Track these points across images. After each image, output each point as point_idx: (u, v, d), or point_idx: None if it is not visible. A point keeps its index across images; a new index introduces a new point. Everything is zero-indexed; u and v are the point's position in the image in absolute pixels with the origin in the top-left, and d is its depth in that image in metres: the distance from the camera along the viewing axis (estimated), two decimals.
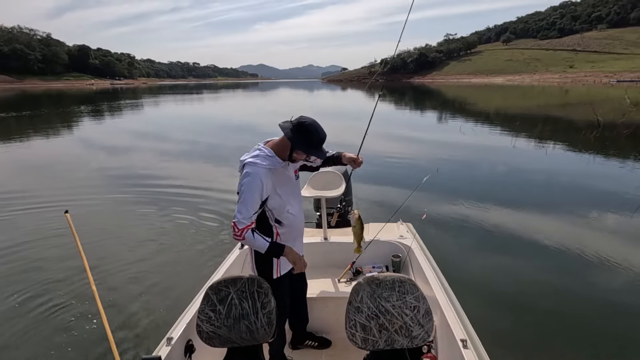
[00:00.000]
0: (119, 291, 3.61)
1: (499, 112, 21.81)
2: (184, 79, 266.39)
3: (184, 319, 1.93)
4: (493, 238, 4.73)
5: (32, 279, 3.82)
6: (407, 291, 1.63)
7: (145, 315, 3.25)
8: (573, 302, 3.36)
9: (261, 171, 1.69)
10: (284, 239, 1.91)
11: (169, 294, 3.56)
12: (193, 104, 34.02)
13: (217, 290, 1.72)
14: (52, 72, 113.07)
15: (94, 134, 14.62)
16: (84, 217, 5.35)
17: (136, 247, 4.62)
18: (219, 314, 1.70)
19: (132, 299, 3.49)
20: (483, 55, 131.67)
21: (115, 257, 4.33)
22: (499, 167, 8.47)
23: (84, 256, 2.43)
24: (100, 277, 3.73)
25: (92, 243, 4.51)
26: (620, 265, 3.97)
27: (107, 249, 4.53)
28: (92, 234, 4.80)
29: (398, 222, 3.23)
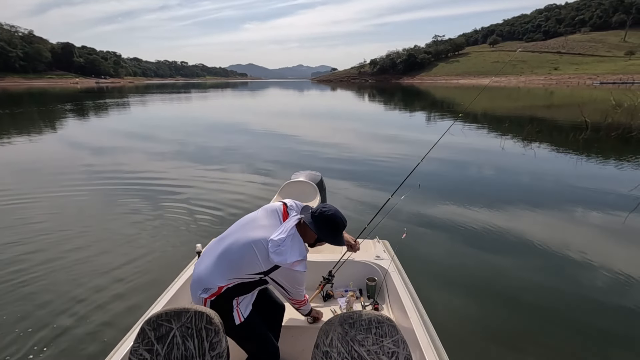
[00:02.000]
0: (24, 334, 2.82)
1: (487, 113, 22.01)
2: (172, 78, 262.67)
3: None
4: (480, 262, 4.16)
5: None
6: (385, 333, 1.42)
7: (59, 355, 2.63)
8: (571, 335, 3.00)
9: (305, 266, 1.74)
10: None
11: (94, 328, 2.90)
12: (181, 103, 33.44)
13: (156, 325, 1.44)
14: (35, 70, 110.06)
15: (76, 132, 14.16)
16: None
17: (70, 260, 4.02)
18: (156, 355, 1.42)
19: (40, 336, 2.80)
20: (470, 57, 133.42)
21: (42, 266, 3.85)
22: (488, 172, 8.42)
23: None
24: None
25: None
26: (610, 268, 3.96)
27: (41, 253, 4.13)
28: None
29: (375, 240, 2.96)
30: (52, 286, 3.57)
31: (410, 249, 4.22)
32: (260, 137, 12.51)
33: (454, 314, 3.18)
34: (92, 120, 19.35)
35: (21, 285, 3.55)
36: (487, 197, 6.29)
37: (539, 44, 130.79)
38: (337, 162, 8.73)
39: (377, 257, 2.67)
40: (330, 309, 2.43)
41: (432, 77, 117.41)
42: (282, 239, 1.62)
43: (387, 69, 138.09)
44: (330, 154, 9.66)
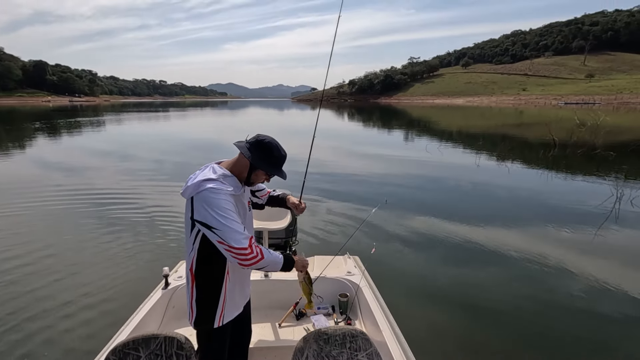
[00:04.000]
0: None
1: (462, 131, 22.81)
2: (150, 96, 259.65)
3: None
4: (450, 274, 4.23)
5: None
6: (360, 347, 1.42)
7: None
8: (543, 344, 3.07)
9: (230, 194, 1.46)
10: (232, 279, 1.60)
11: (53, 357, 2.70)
12: (158, 122, 32.92)
13: (123, 355, 1.35)
14: (4, 88, 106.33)
15: (45, 151, 13.57)
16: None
17: (27, 284, 3.78)
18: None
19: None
20: (445, 78, 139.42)
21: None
22: (464, 187, 8.64)
23: None
24: None
25: None
26: (581, 279, 4.05)
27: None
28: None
29: (345, 256, 2.97)
30: (6, 311, 3.30)
31: (381, 263, 4.24)
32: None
33: (424, 326, 3.20)
34: (63, 139, 18.66)
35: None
36: (461, 212, 6.42)
37: (507, 67, 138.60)
38: (312, 180, 8.72)
39: (348, 272, 2.68)
40: (304, 327, 2.43)
41: (409, 97, 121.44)
42: (195, 173, 1.52)
43: (365, 89, 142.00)
44: (302, 171, 9.64)
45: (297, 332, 2.36)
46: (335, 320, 2.49)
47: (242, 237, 1.40)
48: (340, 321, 2.48)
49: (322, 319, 2.48)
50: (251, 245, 1.42)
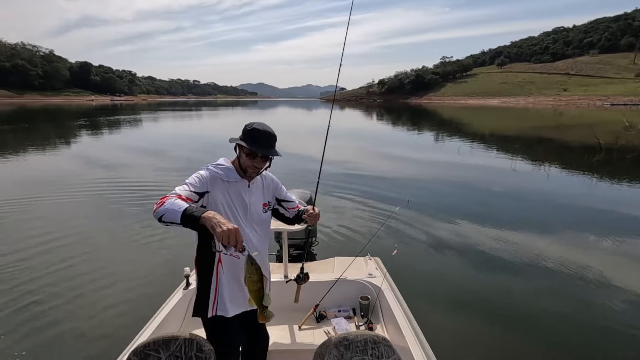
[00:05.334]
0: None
1: (495, 133, 21.90)
2: (184, 96, 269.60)
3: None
4: (477, 281, 4.05)
5: None
6: (382, 354, 1.37)
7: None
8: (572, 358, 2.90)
9: (213, 173, 1.60)
10: (226, 271, 1.64)
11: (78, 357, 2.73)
12: (192, 120, 34.08)
13: (144, 356, 1.36)
14: (53, 88, 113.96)
15: (87, 147, 14.42)
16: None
17: (55, 281, 3.86)
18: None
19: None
20: (478, 78, 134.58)
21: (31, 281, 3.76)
22: (497, 191, 8.26)
23: None
24: None
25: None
26: (624, 294, 3.73)
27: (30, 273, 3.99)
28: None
29: (366, 257, 2.92)
30: (34, 306, 3.43)
31: (403, 265, 4.11)
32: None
33: (449, 333, 3.08)
34: (103, 136, 19.74)
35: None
36: (492, 217, 6.14)
37: (547, 66, 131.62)
38: (332, 180, 8.68)
39: (369, 274, 2.62)
40: (324, 330, 2.40)
41: (440, 97, 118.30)
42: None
43: (395, 89, 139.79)
44: (326, 171, 9.56)
45: (317, 335, 2.33)
46: (357, 324, 2.44)
47: (177, 188, 1.48)
48: (361, 325, 2.43)
49: (342, 322, 2.44)
50: (172, 194, 1.44)
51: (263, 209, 1.77)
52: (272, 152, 1.63)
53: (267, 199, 1.80)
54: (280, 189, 1.88)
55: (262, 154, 1.60)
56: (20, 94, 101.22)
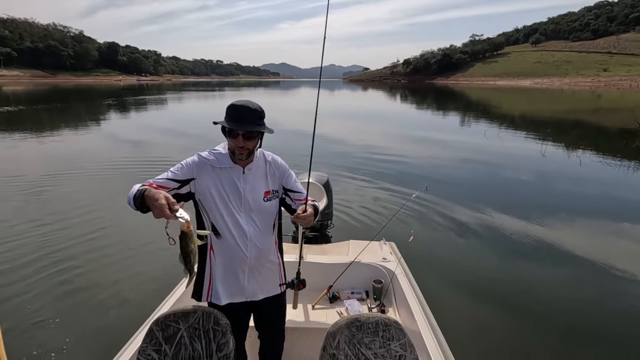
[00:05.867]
0: (36, 328, 2.88)
1: (526, 116, 20.94)
2: (208, 76, 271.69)
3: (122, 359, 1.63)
4: (494, 270, 3.98)
5: None
6: (393, 337, 1.40)
7: (67, 357, 2.61)
8: (595, 352, 2.84)
9: (202, 159, 1.56)
10: (217, 259, 1.60)
11: (104, 330, 2.89)
12: (215, 100, 34.43)
13: (164, 326, 1.44)
14: (83, 68, 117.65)
15: (116, 126, 14.95)
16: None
17: (84, 253, 4.11)
18: (164, 356, 1.42)
19: (50, 335, 2.79)
20: (510, 57, 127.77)
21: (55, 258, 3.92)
22: (525, 177, 7.96)
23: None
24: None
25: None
26: None
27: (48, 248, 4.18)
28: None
29: (381, 242, 2.92)
30: (63, 277, 3.64)
31: (418, 251, 4.11)
32: (280, 135, 12.54)
33: (462, 320, 3.06)
34: (131, 115, 20.33)
35: (32, 274, 3.68)
36: (517, 204, 5.95)
37: (586, 44, 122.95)
38: (350, 162, 8.63)
39: (383, 259, 2.65)
40: (337, 310, 2.45)
41: (468, 78, 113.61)
42: None
43: (421, 69, 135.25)
44: (344, 154, 9.55)
45: (330, 315, 2.38)
46: (369, 306, 2.49)
47: (156, 177, 1.50)
48: (373, 307, 2.47)
49: (355, 303, 2.49)
50: (146, 183, 1.46)
51: (264, 197, 1.62)
52: (246, 127, 1.46)
53: (271, 186, 1.65)
54: (287, 177, 1.70)
55: (236, 128, 1.46)
56: (53, 74, 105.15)
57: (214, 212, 1.56)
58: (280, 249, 1.77)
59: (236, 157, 1.55)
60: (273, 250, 1.71)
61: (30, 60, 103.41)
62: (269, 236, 1.67)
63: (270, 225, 1.67)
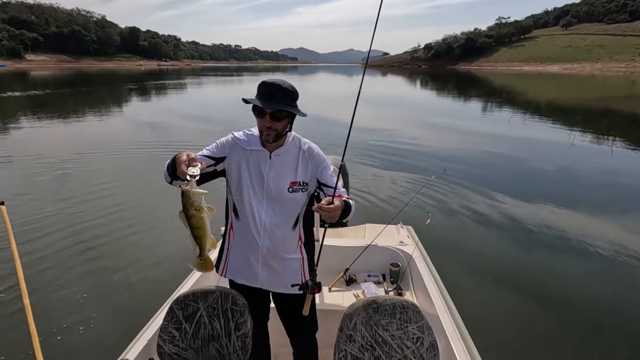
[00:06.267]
0: (62, 302, 3.01)
1: (553, 103, 20.08)
2: (226, 61, 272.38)
3: (143, 337, 1.66)
4: (516, 257, 3.89)
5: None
6: (410, 319, 1.38)
7: (94, 332, 2.70)
8: (613, 342, 2.75)
9: (235, 139, 1.52)
10: (236, 239, 1.57)
11: (126, 307, 3.00)
12: (233, 86, 34.55)
13: (184, 305, 1.48)
14: (106, 53, 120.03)
15: (137, 110, 15.24)
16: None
17: (108, 232, 4.26)
18: (184, 334, 1.47)
19: (76, 311, 2.91)
20: (538, 41, 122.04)
21: (73, 241, 4.00)
22: (549, 166, 7.65)
23: (17, 258, 2.01)
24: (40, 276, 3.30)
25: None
26: None
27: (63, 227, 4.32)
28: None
29: (398, 225, 2.88)
30: (88, 255, 3.79)
31: (436, 236, 4.08)
32: (297, 120, 12.44)
33: (481, 306, 3.03)
34: (151, 99, 20.67)
35: (58, 250, 3.85)
36: (541, 192, 5.75)
37: (622, 26, 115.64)
38: (367, 146, 8.55)
39: (400, 242, 2.63)
40: (353, 293, 2.46)
41: (492, 63, 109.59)
42: None
43: (443, 54, 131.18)
44: (361, 138, 9.42)
45: (347, 297, 2.39)
46: (386, 289, 2.48)
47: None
48: (390, 290, 2.46)
49: (372, 286, 2.48)
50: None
51: (289, 187, 1.49)
52: (274, 106, 1.36)
53: (300, 177, 1.51)
54: (323, 169, 1.53)
55: (263, 107, 1.37)
56: (78, 59, 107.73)
57: (236, 193, 1.53)
58: (307, 247, 1.63)
59: (263, 139, 1.46)
60: (294, 246, 1.58)
61: (56, 45, 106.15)
62: (289, 230, 1.54)
63: (292, 218, 1.54)
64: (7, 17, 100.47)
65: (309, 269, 1.62)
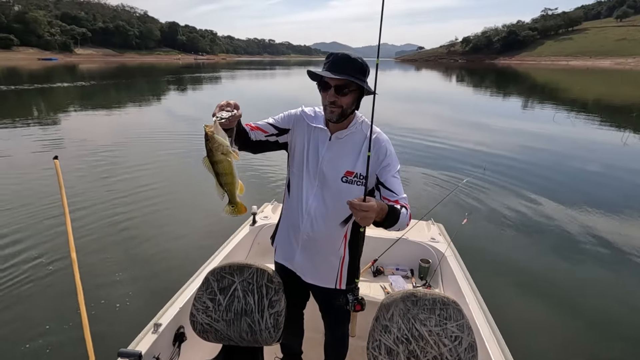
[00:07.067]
0: (102, 264, 3.33)
1: (602, 101, 18.66)
2: (260, 55, 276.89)
3: (176, 304, 1.69)
4: (556, 265, 3.65)
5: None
6: (450, 317, 1.32)
7: (130, 295, 2.92)
8: None
9: (302, 114, 1.46)
10: (286, 216, 1.55)
11: (160, 274, 3.22)
12: (266, 79, 34.99)
13: (220, 277, 1.49)
14: (147, 47, 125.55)
15: (175, 102, 15.79)
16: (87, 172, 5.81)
17: (150, 207, 4.65)
18: (218, 305, 1.48)
19: (117, 274, 3.21)
20: (588, 34, 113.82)
21: (109, 216, 4.33)
22: (597, 168, 7.09)
23: (67, 212, 2.06)
24: (86, 244, 3.63)
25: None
26: None
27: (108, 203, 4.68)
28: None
29: (429, 222, 2.80)
30: (129, 230, 4.07)
31: (469, 237, 3.91)
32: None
33: (515, 312, 2.90)
34: (188, 92, 21.36)
35: (109, 225, 4.15)
36: (587, 197, 5.35)
37: None
38: (398, 142, 8.34)
39: (432, 239, 2.56)
40: (380, 284, 2.42)
41: (535, 58, 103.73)
42: None
43: (481, 47, 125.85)
44: (393, 134, 9.17)
45: (373, 288, 2.36)
46: (414, 284, 2.43)
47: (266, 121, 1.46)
48: (418, 286, 2.40)
49: (400, 280, 2.44)
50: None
51: (343, 176, 1.36)
52: (335, 73, 1.22)
53: (359, 169, 1.35)
54: (386, 166, 1.35)
55: (326, 76, 1.24)
56: (121, 53, 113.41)
57: (292, 169, 1.47)
58: (352, 247, 1.48)
59: (326, 116, 1.34)
60: (338, 242, 1.45)
61: (102, 40, 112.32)
62: (336, 224, 1.42)
63: (342, 212, 1.39)
64: (59, 13, 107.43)
65: (348, 272, 1.48)
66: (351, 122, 1.38)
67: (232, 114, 1.14)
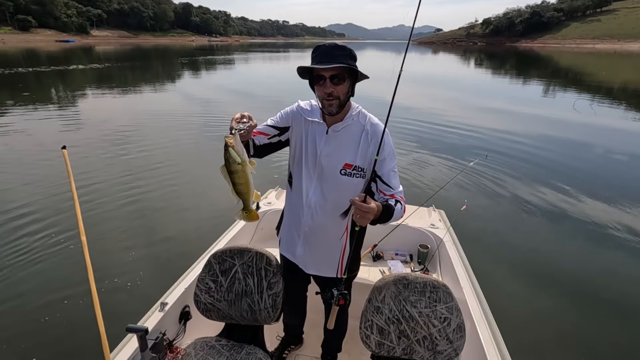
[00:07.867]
0: (112, 246, 3.49)
1: (629, 87, 17.85)
2: (273, 37, 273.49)
3: (182, 285, 1.80)
4: (557, 253, 3.62)
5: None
6: (440, 299, 1.38)
7: (140, 275, 3.07)
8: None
9: (299, 109, 1.46)
10: (288, 210, 1.59)
11: (167, 256, 3.37)
12: (279, 62, 34.68)
13: (221, 260, 1.57)
14: (161, 29, 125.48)
15: (189, 85, 15.89)
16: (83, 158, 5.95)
17: (157, 191, 4.76)
18: (219, 286, 1.56)
19: (126, 256, 3.34)
20: (618, 15, 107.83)
21: (120, 201, 4.42)
22: (617, 157, 6.87)
23: (77, 199, 2.10)
24: (96, 228, 3.72)
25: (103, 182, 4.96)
26: None
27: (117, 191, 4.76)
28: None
29: (430, 208, 2.82)
30: (138, 206, 4.29)
31: (469, 223, 3.93)
32: None
33: (509, 298, 2.95)
34: (202, 74, 21.43)
35: (116, 208, 4.29)
36: (600, 187, 5.21)
37: None
38: (406, 126, 8.27)
39: (432, 225, 2.60)
40: (379, 269, 2.48)
41: (559, 41, 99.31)
42: None
43: (503, 30, 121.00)
44: (401, 117, 9.09)
45: (372, 272, 2.42)
46: (412, 269, 2.48)
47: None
48: (417, 271, 2.44)
49: (399, 264, 2.50)
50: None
51: (342, 169, 1.37)
52: (328, 64, 1.22)
53: (358, 161, 1.36)
54: (384, 160, 1.36)
55: (318, 66, 1.23)
56: (136, 35, 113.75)
57: (293, 164, 1.51)
58: (352, 239, 1.48)
59: (325, 110, 1.33)
60: (339, 234, 1.48)
61: (117, 21, 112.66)
62: (336, 216, 1.43)
63: (342, 205, 1.41)
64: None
65: (349, 262, 1.48)
66: (347, 113, 1.39)
67: (249, 124, 1.20)
